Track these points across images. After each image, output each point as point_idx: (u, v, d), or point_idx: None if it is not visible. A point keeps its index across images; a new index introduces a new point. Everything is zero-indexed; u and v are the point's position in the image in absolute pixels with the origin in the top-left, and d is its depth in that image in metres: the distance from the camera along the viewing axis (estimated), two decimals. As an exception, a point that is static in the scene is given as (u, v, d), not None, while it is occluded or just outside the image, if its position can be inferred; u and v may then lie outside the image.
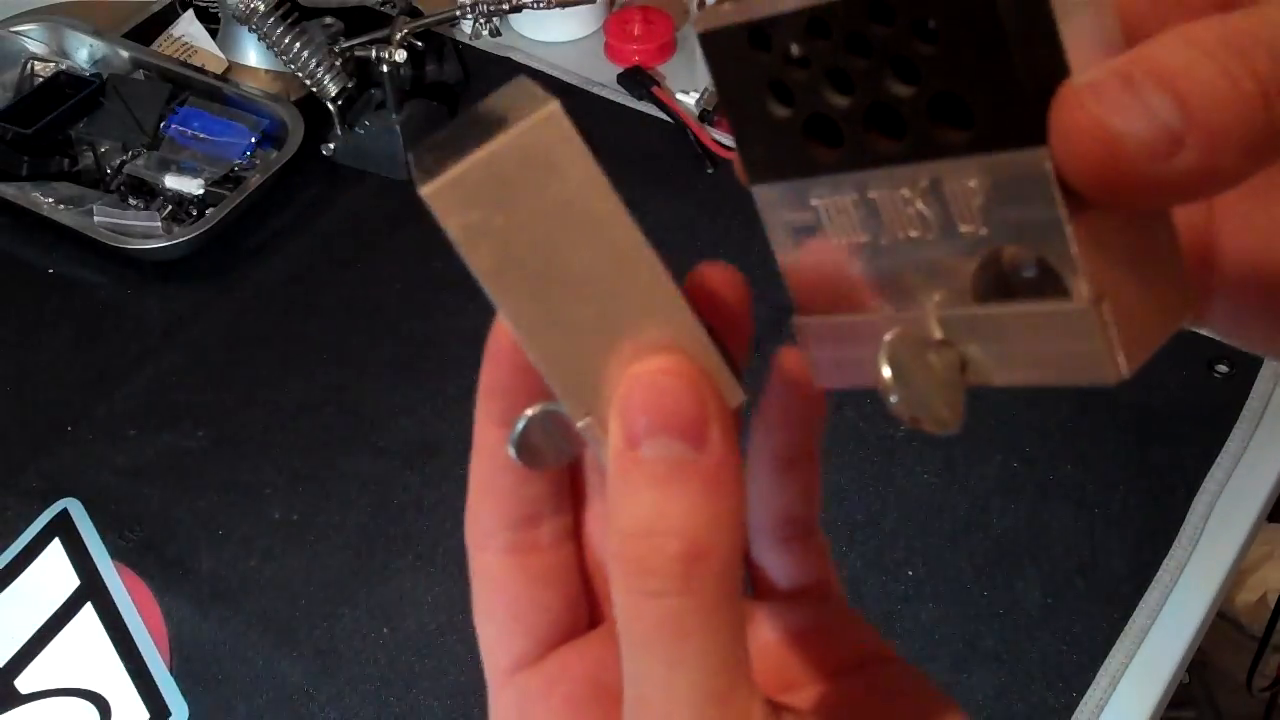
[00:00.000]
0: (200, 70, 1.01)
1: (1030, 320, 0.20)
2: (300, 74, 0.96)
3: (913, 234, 0.21)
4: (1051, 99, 0.18)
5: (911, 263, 0.22)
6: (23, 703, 0.71)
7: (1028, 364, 0.21)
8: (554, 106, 0.22)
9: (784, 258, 0.26)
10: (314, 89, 0.96)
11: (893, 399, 0.21)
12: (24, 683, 0.71)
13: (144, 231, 0.91)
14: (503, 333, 0.26)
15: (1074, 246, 0.19)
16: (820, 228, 0.23)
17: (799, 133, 0.22)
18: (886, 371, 0.21)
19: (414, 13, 1.02)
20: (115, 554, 0.76)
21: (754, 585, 0.31)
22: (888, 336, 0.21)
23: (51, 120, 0.96)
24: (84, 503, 0.79)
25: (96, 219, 0.91)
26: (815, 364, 0.26)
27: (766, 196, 0.24)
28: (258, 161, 0.96)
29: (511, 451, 0.25)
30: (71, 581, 0.75)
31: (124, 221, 0.91)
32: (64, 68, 1.02)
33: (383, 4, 1.09)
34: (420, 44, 1.00)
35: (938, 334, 0.22)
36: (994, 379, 0.22)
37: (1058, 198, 0.19)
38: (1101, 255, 0.19)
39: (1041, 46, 0.18)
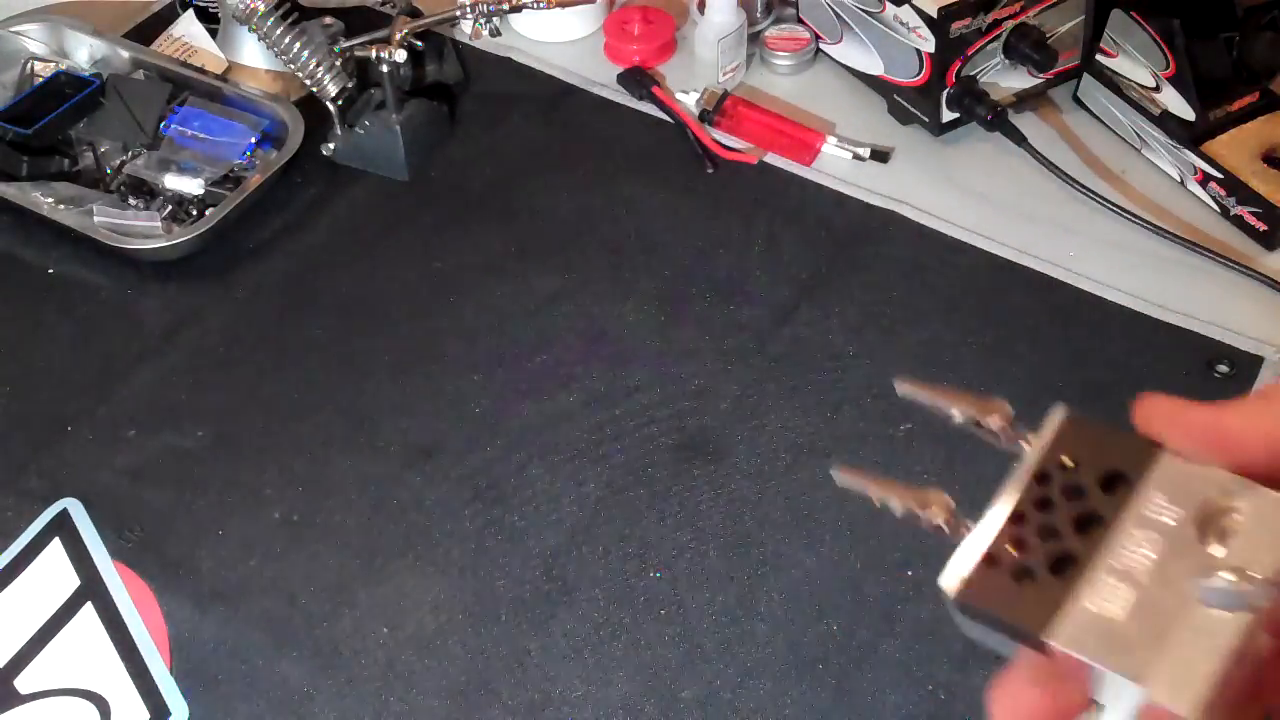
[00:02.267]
0: (200, 70, 1.01)
1: None
2: (300, 74, 0.96)
3: (1153, 556, 0.29)
4: None
5: (1167, 574, 0.29)
6: (23, 703, 0.71)
7: None
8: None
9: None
10: (314, 89, 0.96)
11: None
12: (24, 683, 0.71)
13: (144, 231, 0.91)
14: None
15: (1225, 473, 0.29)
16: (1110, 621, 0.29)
17: (1050, 579, 0.29)
18: None
19: (414, 13, 1.02)
20: (115, 554, 0.76)
21: None
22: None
23: (51, 120, 0.96)
24: (84, 503, 0.79)
25: (96, 219, 0.91)
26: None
27: (1067, 638, 0.29)
28: (258, 161, 0.96)
29: None
30: (71, 581, 0.75)
31: (124, 221, 0.91)
32: (64, 68, 1.02)
33: (383, 4, 1.09)
34: (420, 44, 1.00)
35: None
36: None
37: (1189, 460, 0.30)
38: None
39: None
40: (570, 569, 0.74)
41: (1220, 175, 0.90)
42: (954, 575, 0.30)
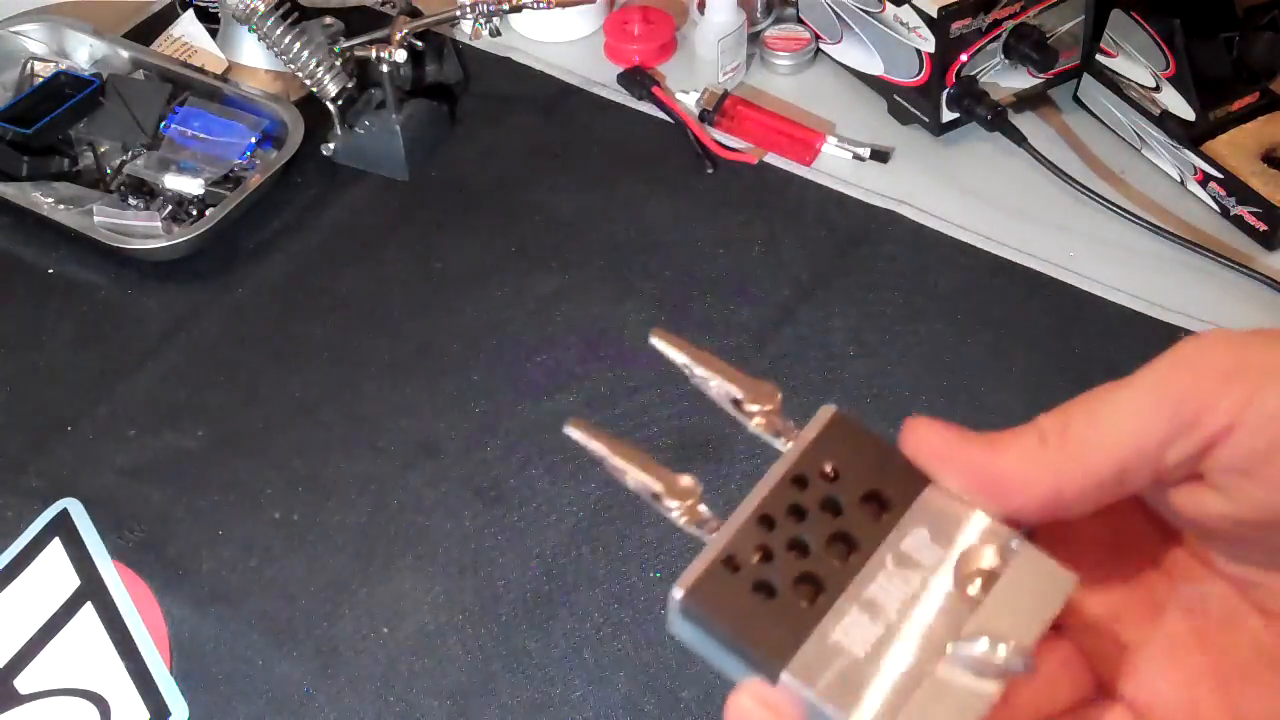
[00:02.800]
0: (200, 70, 1.01)
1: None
2: (300, 74, 0.96)
3: (905, 594, 0.27)
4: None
5: (916, 615, 0.27)
6: (23, 703, 0.71)
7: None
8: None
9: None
10: (314, 89, 0.96)
11: None
12: (24, 683, 0.71)
13: (144, 231, 0.91)
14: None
15: (990, 521, 0.28)
16: (850, 656, 0.27)
17: (794, 601, 0.27)
18: None
19: (414, 13, 1.02)
20: (115, 554, 0.76)
21: None
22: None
23: (51, 120, 0.96)
24: (84, 503, 0.79)
25: (96, 219, 0.91)
26: None
27: (800, 671, 0.27)
28: (258, 161, 0.96)
29: None
30: (71, 581, 0.75)
31: (124, 221, 0.91)
32: (64, 68, 1.02)
33: (383, 4, 1.09)
34: (420, 44, 1.00)
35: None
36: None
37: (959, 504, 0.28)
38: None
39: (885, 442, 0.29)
40: (570, 569, 0.74)
41: (1220, 175, 0.90)
42: (689, 575, 0.27)
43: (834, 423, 0.29)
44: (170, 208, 0.93)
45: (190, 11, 1.07)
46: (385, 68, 0.95)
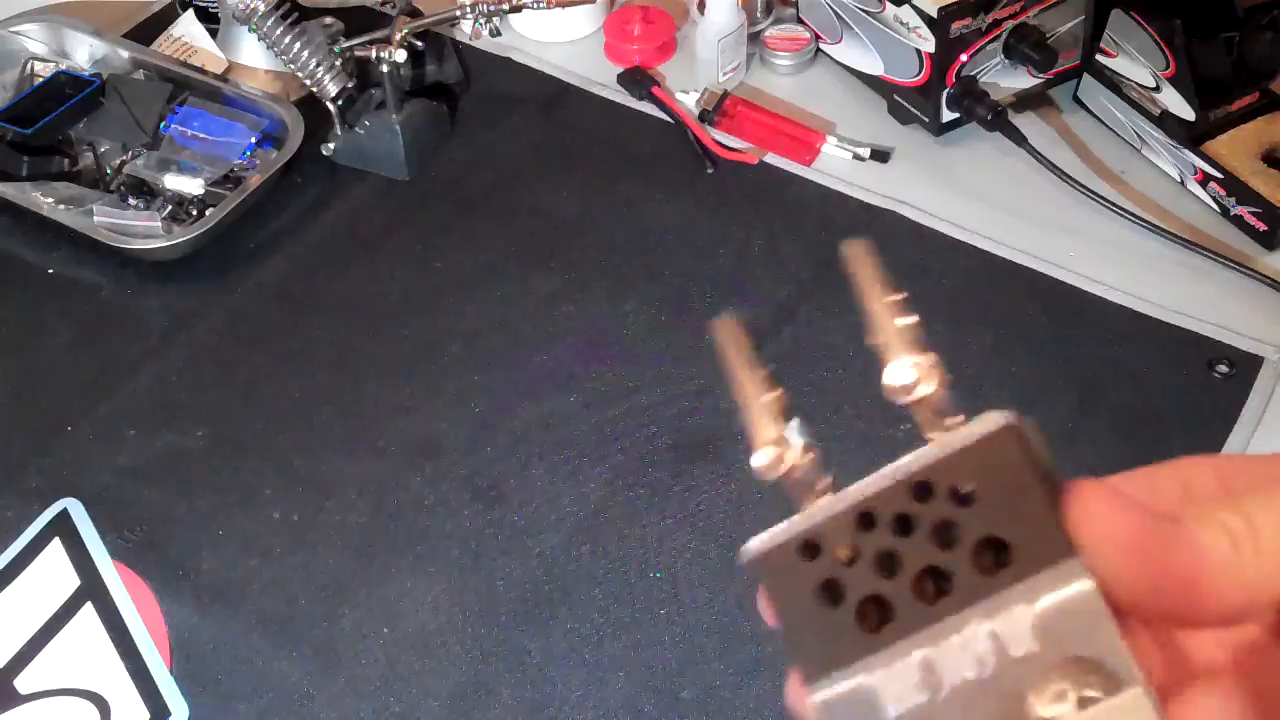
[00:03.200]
0: (200, 70, 1.01)
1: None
2: (300, 74, 0.96)
3: (969, 675, 0.22)
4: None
5: (967, 704, 0.23)
6: (23, 703, 0.71)
7: None
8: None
9: None
10: (314, 89, 0.96)
11: None
12: (24, 683, 0.71)
13: (144, 231, 0.91)
14: None
15: (1123, 642, 0.21)
16: (879, 711, 0.23)
17: (852, 621, 0.23)
18: None
19: (414, 13, 1.02)
20: (115, 554, 0.76)
21: None
22: None
23: (51, 120, 0.96)
24: (84, 503, 0.79)
25: (96, 219, 0.91)
26: None
27: (825, 699, 0.24)
28: (258, 161, 0.96)
29: None
30: (71, 581, 0.75)
31: (124, 221, 0.91)
32: (64, 68, 1.02)
33: (383, 4, 1.09)
34: (420, 44, 1.00)
35: None
36: None
37: (1102, 602, 0.21)
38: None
39: (1052, 482, 0.22)
40: (570, 569, 0.74)
41: (1220, 175, 0.90)
42: (764, 541, 0.25)
43: (1000, 435, 0.23)
44: (170, 208, 0.93)
45: (190, 11, 1.07)
46: (385, 68, 0.95)
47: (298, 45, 0.95)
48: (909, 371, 0.25)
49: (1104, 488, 0.23)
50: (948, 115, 0.97)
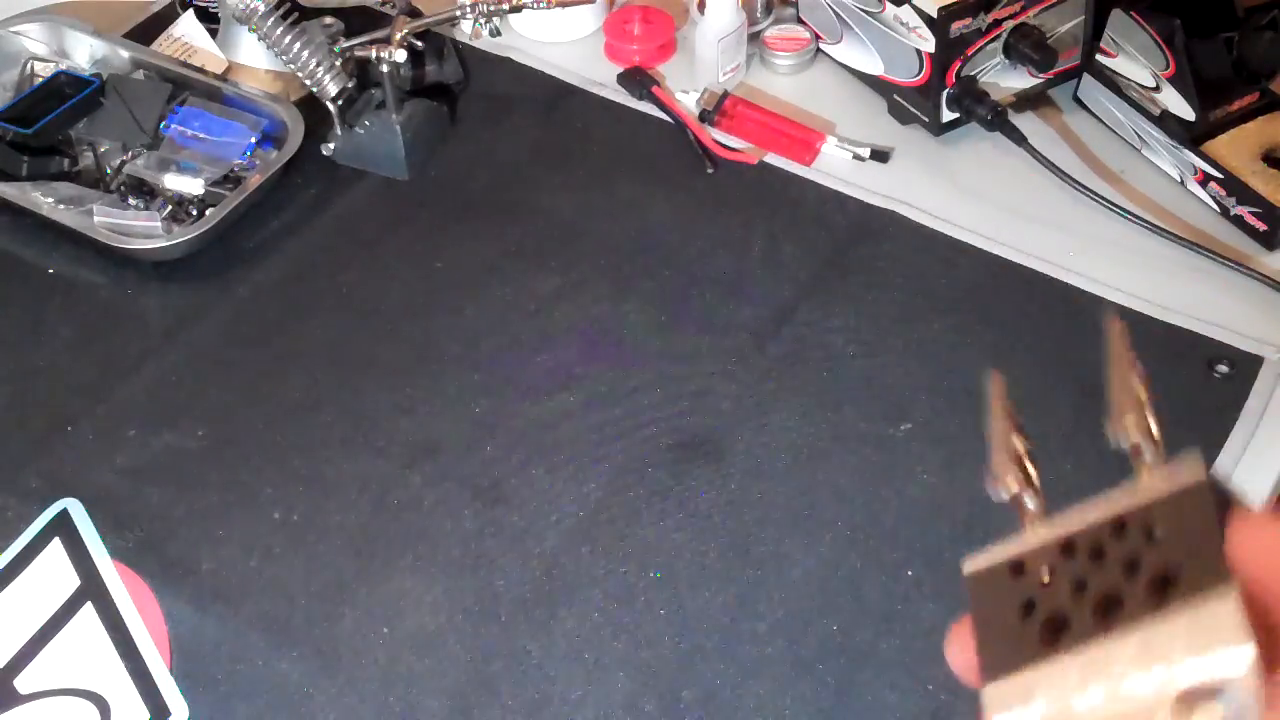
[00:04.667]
0: (200, 70, 1.01)
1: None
2: (300, 74, 0.96)
3: (1120, 689, 0.25)
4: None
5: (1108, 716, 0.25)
6: (23, 703, 0.71)
7: None
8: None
9: None
10: (314, 89, 0.96)
11: None
12: (24, 683, 0.71)
13: (144, 231, 0.91)
14: None
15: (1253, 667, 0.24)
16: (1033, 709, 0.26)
17: (1037, 633, 0.27)
18: None
19: (414, 13, 1.02)
20: (115, 554, 0.76)
21: None
22: None
23: (51, 120, 0.96)
24: (84, 503, 0.79)
25: (96, 219, 0.91)
26: None
27: (996, 694, 0.27)
28: (258, 161, 0.96)
29: None
30: (71, 581, 0.75)
31: (124, 221, 0.91)
32: (64, 68, 1.02)
33: (383, 4, 1.09)
34: (420, 44, 1.00)
35: None
36: None
37: (1245, 622, 0.24)
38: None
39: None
40: (570, 569, 0.74)
41: (1220, 175, 0.90)
42: (985, 557, 0.28)
43: (1192, 486, 0.26)
44: (170, 208, 0.93)
45: (190, 11, 1.07)
46: (385, 68, 0.95)
47: (298, 45, 0.95)
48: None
49: (1274, 519, 0.24)
50: (948, 115, 0.97)
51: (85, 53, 1.04)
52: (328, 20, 1.01)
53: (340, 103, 0.97)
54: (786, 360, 0.84)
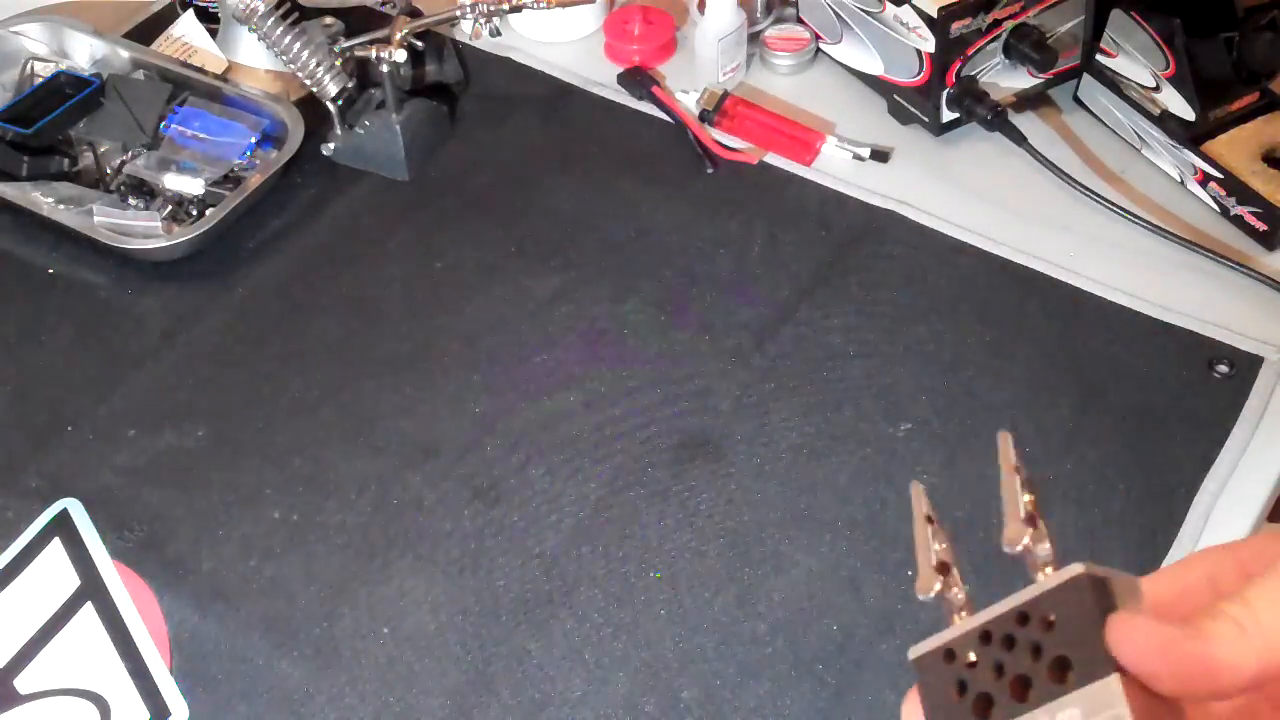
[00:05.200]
0: (200, 70, 1.01)
1: None
2: (300, 74, 0.96)
3: None
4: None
5: None
6: (22, 703, 0.71)
7: None
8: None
9: None
10: (314, 89, 0.96)
11: None
12: (24, 683, 0.71)
13: (144, 231, 0.91)
14: None
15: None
16: None
17: (970, 708, 0.32)
18: None
19: (414, 13, 1.02)
20: (115, 554, 0.76)
21: None
22: None
23: (51, 120, 0.96)
24: (84, 503, 0.79)
25: (96, 219, 0.91)
26: None
27: None
28: (258, 161, 0.96)
29: None
30: (71, 581, 0.75)
31: (124, 221, 0.91)
32: (64, 68, 1.02)
33: (383, 4, 1.09)
34: (420, 44, 1.00)
35: None
36: None
37: (1127, 706, 0.30)
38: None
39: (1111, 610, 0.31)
40: (570, 569, 0.74)
41: (1220, 175, 0.90)
42: (924, 645, 0.34)
43: (1074, 583, 0.32)
44: (170, 208, 0.93)
45: (190, 11, 1.07)
46: (385, 68, 0.95)
47: (298, 45, 0.95)
48: (1022, 533, 0.34)
49: (1136, 618, 0.30)
50: (948, 115, 0.97)
51: (85, 53, 1.04)
52: (328, 20, 1.01)
53: (340, 103, 0.97)
54: (786, 360, 0.84)
